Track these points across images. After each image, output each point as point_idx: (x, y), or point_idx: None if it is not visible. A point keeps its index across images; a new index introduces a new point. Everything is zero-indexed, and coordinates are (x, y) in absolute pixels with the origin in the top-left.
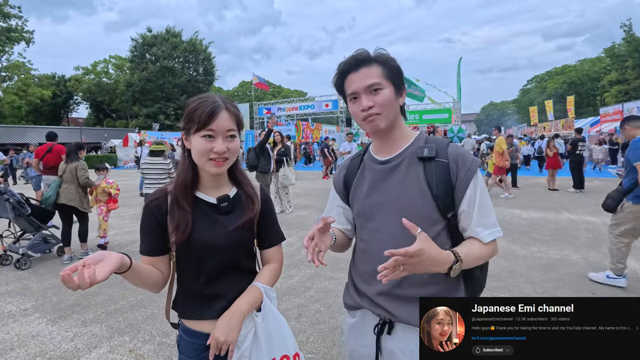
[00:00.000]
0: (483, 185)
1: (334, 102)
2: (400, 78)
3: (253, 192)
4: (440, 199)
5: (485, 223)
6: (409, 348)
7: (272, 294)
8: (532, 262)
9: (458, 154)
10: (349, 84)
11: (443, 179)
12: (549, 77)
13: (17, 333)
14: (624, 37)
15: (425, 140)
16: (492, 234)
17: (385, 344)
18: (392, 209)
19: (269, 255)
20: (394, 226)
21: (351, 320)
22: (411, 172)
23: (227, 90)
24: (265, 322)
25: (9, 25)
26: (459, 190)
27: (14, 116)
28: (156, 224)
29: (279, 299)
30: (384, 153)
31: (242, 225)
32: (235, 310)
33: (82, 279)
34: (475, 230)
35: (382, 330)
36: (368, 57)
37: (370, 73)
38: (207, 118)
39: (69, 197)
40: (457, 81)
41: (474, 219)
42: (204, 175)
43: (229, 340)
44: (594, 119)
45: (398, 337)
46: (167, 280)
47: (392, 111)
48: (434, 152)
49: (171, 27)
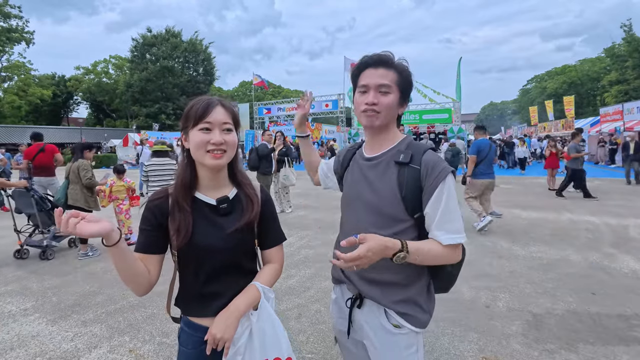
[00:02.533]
0: (451, 192)
1: (334, 102)
2: (408, 90)
3: (253, 193)
4: (408, 201)
5: (446, 227)
6: (374, 322)
7: (270, 294)
8: (532, 262)
9: (430, 160)
10: (364, 77)
11: (413, 183)
12: (549, 77)
13: (17, 333)
14: (624, 37)
15: (407, 145)
16: (452, 239)
17: (355, 316)
18: (365, 202)
19: (270, 256)
20: (365, 215)
21: (334, 296)
22: (387, 173)
23: (227, 90)
24: (260, 321)
25: (9, 26)
26: (425, 194)
27: (14, 116)
28: (155, 224)
29: (279, 298)
30: (371, 151)
31: (242, 228)
32: (233, 308)
33: (64, 224)
34: (435, 233)
35: (353, 304)
36: (390, 61)
37: (386, 75)
38: (202, 111)
39: (74, 198)
40: (457, 81)
41: (436, 222)
42: (203, 175)
43: (225, 337)
44: (594, 119)
45: (366, 310)
46: (152, 284)
47: (390, 115)
48: (409, 158)
49: (171, 27)
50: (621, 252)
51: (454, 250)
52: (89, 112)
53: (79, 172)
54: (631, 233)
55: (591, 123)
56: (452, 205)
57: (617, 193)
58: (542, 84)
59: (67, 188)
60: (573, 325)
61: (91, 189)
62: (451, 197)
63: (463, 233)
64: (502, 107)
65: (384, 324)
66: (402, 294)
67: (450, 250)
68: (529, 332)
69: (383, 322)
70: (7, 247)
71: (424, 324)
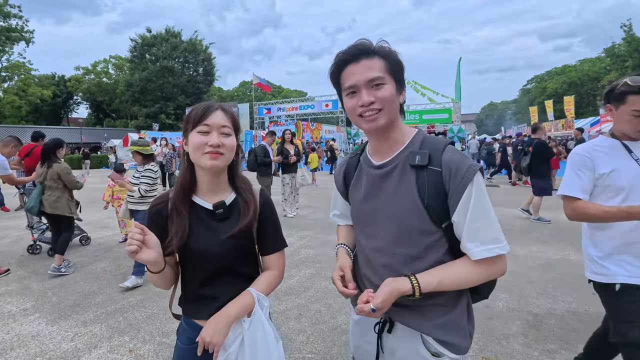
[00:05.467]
0: (481, 193)
1: (334, 102)
2: (401, 74)
3: (251, 199)
4: (432, 210)
5: (480, 237)
6: (409, 349)
7: (264, 302)
8: (532, 262)
9: (452, 159)
10: (347, 77)
11: (435, 188)
12: (549, 77)
13: (17, 333)
14: (624, 37)
15: (421, 143)
16: (486, 250)
17: (387, 342)
18: (386, 217)
19: (269, 262)
20: (388, 234)
21: (356, 316)
22: (404, 180)
23: (227, 90)
24: (252, 329)
25: (9, 25)
26: (451, 200)
27: (14, 116)
28: (159, 229)
29: (279, 298)
30: (379, 156)
31: (237, 233)
32: (224, 314)
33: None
34: (466, 246)
35: (382, 329)
36: (370, 48)
37: (372, 65)
38: (201, 114)
39: (53, 206)
40: (457, 81)
41: (466, 231)
42: (203, 179)
43: (214, 341)
44: (594, 119)
45: (399, 336)
46: (177, 276)
47: (393, 108)
48: (427, 160)
49: (171, 27)
50: None
51: (494, 265)
52: (89, 112)
53: (59, 177)
54: None
55: (591, 123)
56: (483, 208)
57: None
58: (542, 84)
59: (42, 194)
60: (573, 325)
61: (72, 191)
62: (482, 200)
63: (503, 242)
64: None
65: (421, 352)
66: (442, 317)
67: (488, 266)
68: (529, 332)
69: (420, 350)
70: (7, 247)
71: (464, 350)
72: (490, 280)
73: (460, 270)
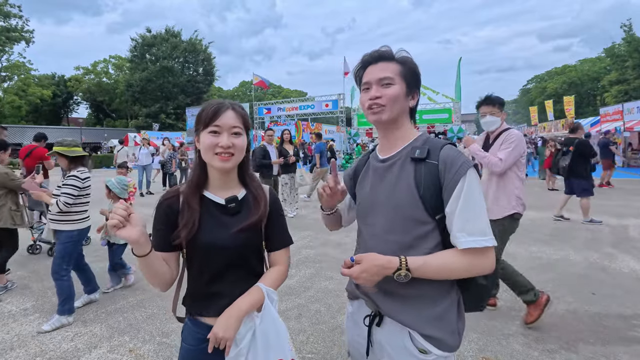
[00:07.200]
0: (473, 188)
1: (334, 102)
2: (415, 80)
3: (261, 195)
4: (427, 200)
5: (467, 228)
6: (397, 344)
7: (274, 296)
8: (532, 262)
9: (448, 155)
10: (366, 75)
11: (431, 180)
12: (549, 77)
13: (17, 333)
14: (624, 37)
15: (424, 141)
16: (472, 241)
17: (376, 335)
18: (385, 208)
19: (276, 258)
20: (383, 220)
21: (350, 309)
22: (404, 172)
23: (227, 90)
24: (264, 323)
25: (9, 25)
26: (445, 192)
27: (14, 116)
28: (168, 222)
29: (279, 298)
30: (385, 152)
31: (248, 227)
32: (235, 309)
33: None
34: (455, 235)
35: (372, 322)
36: (389, 54)
37: (386, 68)
38: (212, 115)
39: None
40: (457, 81)
41: (455, 222)
42: (213, 175)
43: (226, 336)
44: (594, 119)
45: (386, 330)
46: (174, 279)
47: (397, 107)
48: (425, 154)
49: (170, 27)
50: (621, 252)
51: (479, 257)
52: (89, 112)
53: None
54: (631, 233)
55: (591, 123)
56: (473, 201)
57: (616, 193)
58: (542, 84)
59: None
60: (573, 325)
61: (16, 200)
62: (473, 193)
63: (490, 235)
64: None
65: (408, 347)
66: (430, 311)
67: (474, 257)
68: (529, 332)
69: (407, 345)
70: None
71: (453, 348)
72: (477, 275)
73: (446, 256)
